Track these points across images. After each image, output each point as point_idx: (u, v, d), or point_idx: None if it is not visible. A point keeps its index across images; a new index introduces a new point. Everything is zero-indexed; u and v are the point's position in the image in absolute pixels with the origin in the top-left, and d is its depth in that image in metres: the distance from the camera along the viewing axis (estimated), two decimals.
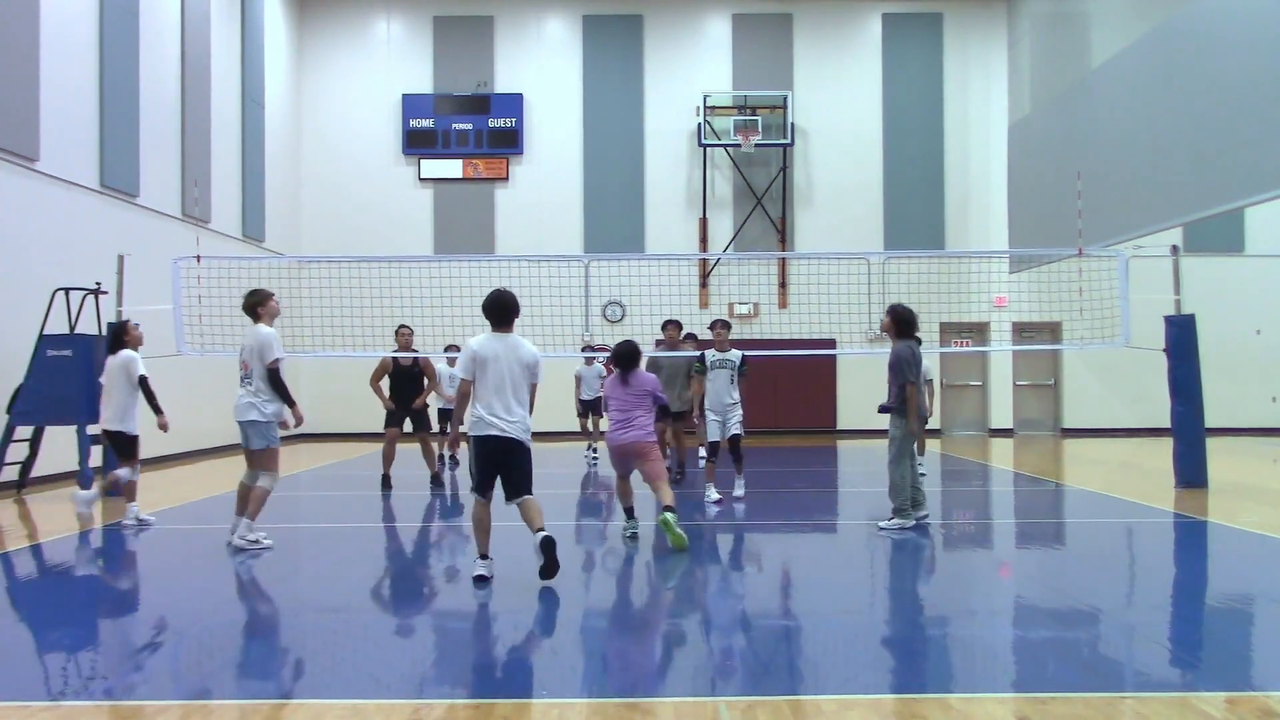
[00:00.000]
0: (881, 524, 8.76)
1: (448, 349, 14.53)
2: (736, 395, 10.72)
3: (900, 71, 22.02)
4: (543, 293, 14.65)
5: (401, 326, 12.48)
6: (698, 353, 11.11)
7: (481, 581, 6.51)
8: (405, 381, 11.91)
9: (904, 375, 8.80)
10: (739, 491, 10.75)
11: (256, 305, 8.07)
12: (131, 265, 12.28)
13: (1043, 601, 6.50)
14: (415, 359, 12.06)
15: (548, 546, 6.42)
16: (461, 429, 7.29)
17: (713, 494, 10.56)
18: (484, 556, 6.64)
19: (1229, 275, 20.59)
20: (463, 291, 14.96)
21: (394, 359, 12.00)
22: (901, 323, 8.94)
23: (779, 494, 11.96)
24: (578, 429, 16.37)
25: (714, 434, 10.58)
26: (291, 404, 8.02)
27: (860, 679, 4.79)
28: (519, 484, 6.64)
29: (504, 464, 6.58)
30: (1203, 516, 9.60)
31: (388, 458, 11.93)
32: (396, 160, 21.88)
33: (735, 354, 10.74)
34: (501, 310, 6.77)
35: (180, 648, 5.40)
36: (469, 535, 9.49)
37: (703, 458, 11.72)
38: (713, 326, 10.92)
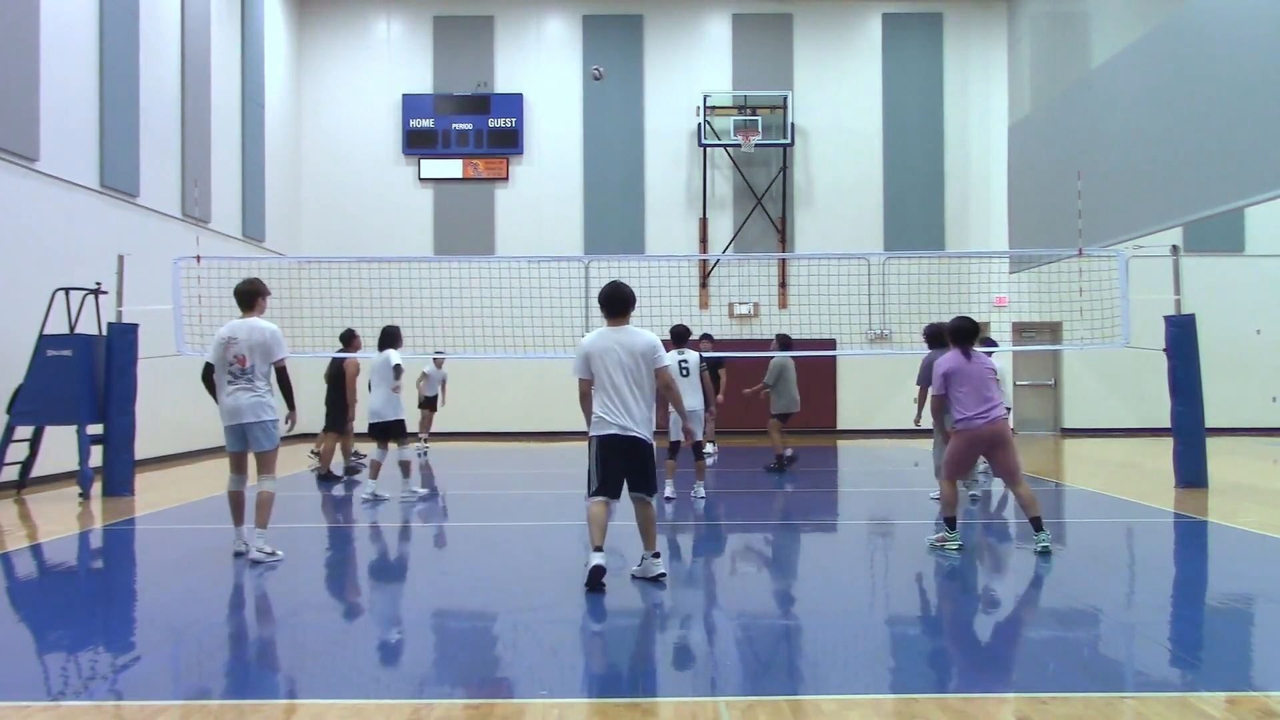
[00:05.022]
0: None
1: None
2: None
3: (900, 71, 22.02)
4: (543, 293, 14.68)
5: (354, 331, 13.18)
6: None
7: (599, 573, 6.25)
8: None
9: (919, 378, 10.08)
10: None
11: (257, 294, 7.52)
12: (131, 265, 12.27)
13: (1043, 601, 6.51)
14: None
15: (656, 579, 6.51)
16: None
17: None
18: (598, 549, 6.37)
19: (1229, 275, 20.61)
20: (463, 291, 15.01)
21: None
22: (927, 337, 10.07)
23: (779, 494, 11.96)
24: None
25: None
26: (293, 405, 7.67)
27: (860, 679, 4.78)
28: (642, 482, 6.49)
29: (627, 461, 6.40)
30: (1203, 516, 9.60)
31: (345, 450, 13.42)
32: (396, 160, 21.89)
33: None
34: (617, 301, 6.50)
35: (180, 648, 5.39)
36: (467, 534, 9.49)
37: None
38: (705, 339, 11.09)
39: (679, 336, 10.76)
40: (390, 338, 11.11)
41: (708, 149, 21.64)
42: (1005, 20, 21.49)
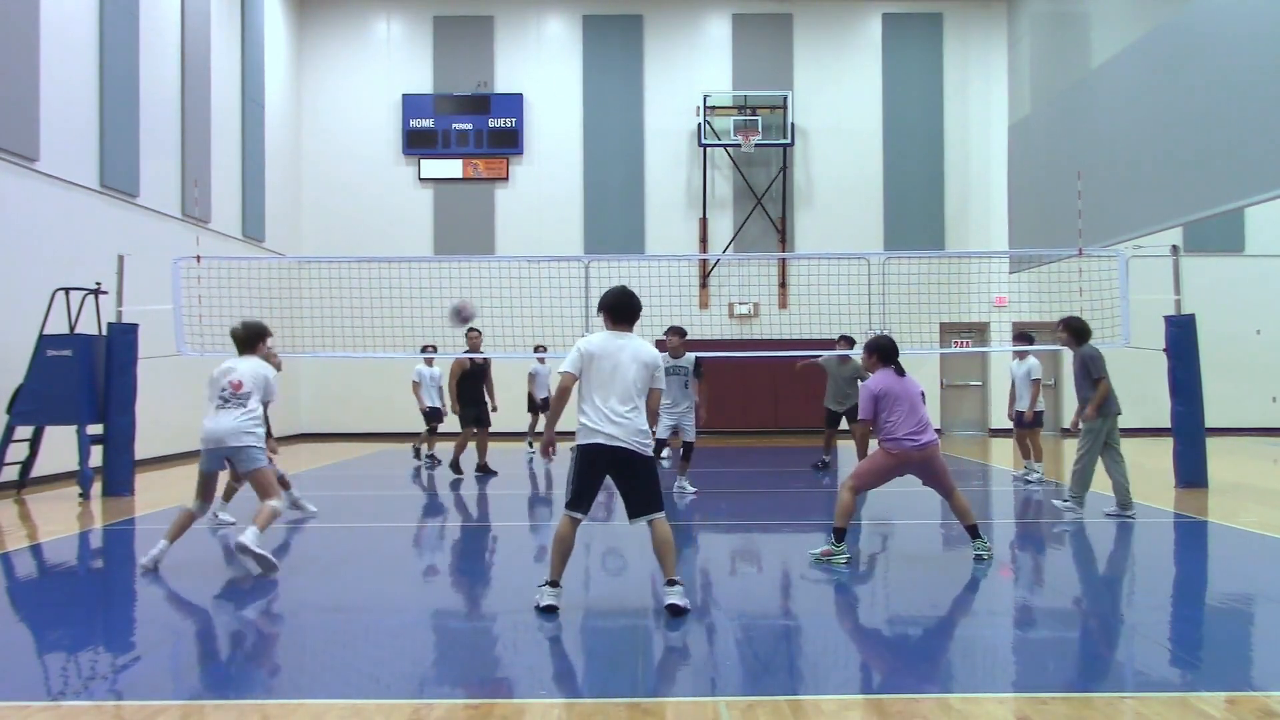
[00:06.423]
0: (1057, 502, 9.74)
1: (424, 349, 14.73)
2: (693, 398, 11.29)
3: (900, 71, 22.03)
4: (543, 293, 14.66)
5: (472, 329, 13.07)
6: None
7: (549, 612, 5.72)
8: (475, 381, 13.05)
9: (1097, 371, 9.63)
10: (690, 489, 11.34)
11: (259, 338, 7.50)
12: (131, 265, 12.27)
13: (1043, 601, 6.50)
14: (486, 360, 13.20)
15: (676, 614, 5.68)
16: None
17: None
18: (553, 584, 5.78)
19: (1229, 275, 20.60)
20: (463, 291, 14.98)
21: (470, 360, 13.00)
22: (1077, 332, 9.71)
23: (779, 494, 11.96)
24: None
25: (662, 433, 10.96)
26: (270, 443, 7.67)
27: (860, 679, 4.78)
28: (644, 499, 5.78)
29: (621, 478, 5.81)
30: (1203, 516, 9.61)
31: (462, 448, 13.25)
32: (396, 160, 21.89)
33: (689, 358, 11.32)
34: (623, 308, 5.94)
35: (180, 648, 5.39)
36: (469, 536, 9.49)
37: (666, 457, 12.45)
38: (666, 333, 11.38)
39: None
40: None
41: (708, 149, 21.64)
42: (1005, 20, 21.49)
